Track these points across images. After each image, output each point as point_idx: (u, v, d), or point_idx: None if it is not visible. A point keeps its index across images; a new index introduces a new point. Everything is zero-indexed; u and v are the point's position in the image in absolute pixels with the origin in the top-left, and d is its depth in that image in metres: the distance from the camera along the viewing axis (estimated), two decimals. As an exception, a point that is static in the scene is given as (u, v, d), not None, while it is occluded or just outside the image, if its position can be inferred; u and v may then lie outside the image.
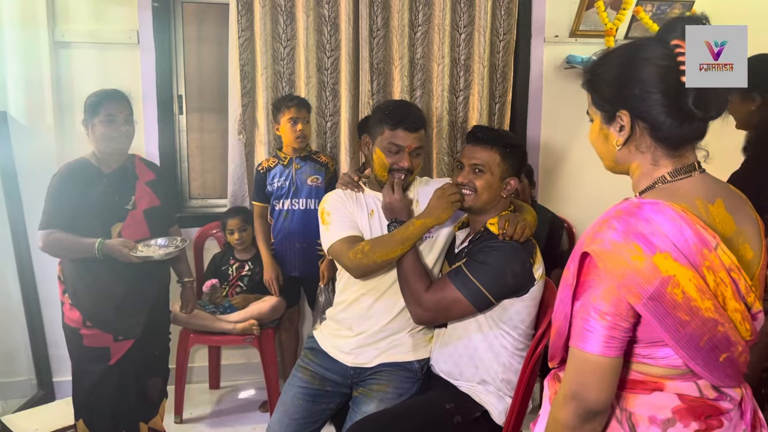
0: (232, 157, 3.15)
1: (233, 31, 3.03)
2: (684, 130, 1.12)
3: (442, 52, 3.15)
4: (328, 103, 3.16)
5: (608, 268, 1.06)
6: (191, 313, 2.70)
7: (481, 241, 1.86)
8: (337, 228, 2.02)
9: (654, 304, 1.04)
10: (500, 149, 1.90)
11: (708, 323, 1.05)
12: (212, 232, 3.22)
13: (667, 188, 1.13)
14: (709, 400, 1.14)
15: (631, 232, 1.05)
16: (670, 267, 1.03)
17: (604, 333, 1.08)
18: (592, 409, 1.11)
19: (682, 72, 1.08)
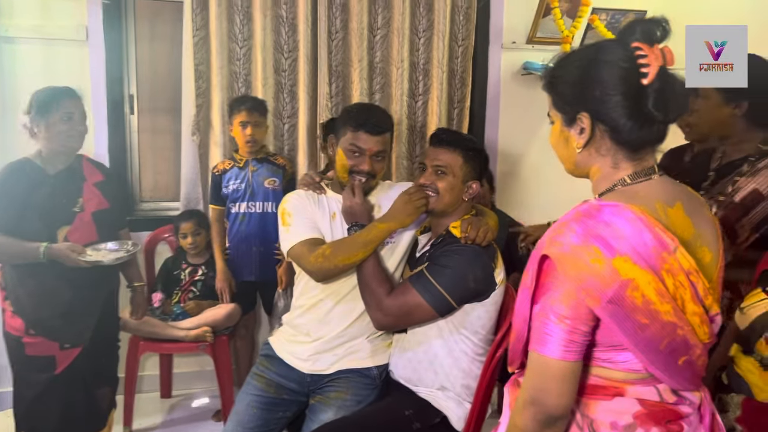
0: (185, 158, 3.07)
1: (188, 30, 2.95)
2: (644, 133, 1.11)
3: (402, 56, 3.14)
4: (286, 105, 3.11)
5: (567, 271, 1.05)
6: (141, 319, 2.61)
7: (443, 245, 1.84)
8: (297, 230, 1.97)
9: (613, 307, 1.03)
10: (463, 152, 1.89)
11: (667, 327, 1.05)
12: (164, 236, 3.12)
13: (626, 191, 1.13)
14: (669, 404, 1.13)
15: (590, 235, 1.04)
16: (630, 270, 1.02)
17: (564, 337, 1.06)
18: (551, 414, 1.09)
19: (643, 74, 1.07)
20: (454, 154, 1.89)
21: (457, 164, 1.89)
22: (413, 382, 1.90)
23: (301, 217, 2.00)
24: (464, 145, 1.91)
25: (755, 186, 1.63)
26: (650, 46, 1.07)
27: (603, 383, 1.14)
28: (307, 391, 2.02)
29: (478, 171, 1.93)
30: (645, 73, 1.07)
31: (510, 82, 3.37)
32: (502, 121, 3.39)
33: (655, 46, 1.07)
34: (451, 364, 1.84)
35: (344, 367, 1.99)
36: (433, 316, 1.78)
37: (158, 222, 3.16)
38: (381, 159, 2.00)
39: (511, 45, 3.33)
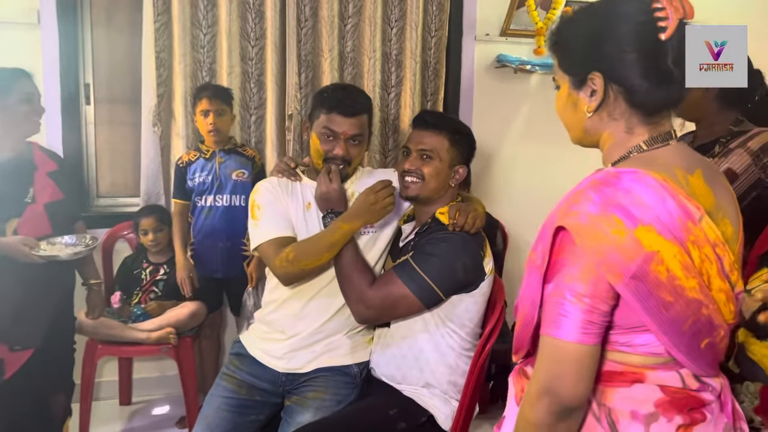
0: (145, 151, 2.90)
1: (148, 15, 2.79)
2: (661, 94, 1.03)
3: (374, 45, 3.04)
4: (253, 95, 2.97)
5: (586, 244, 0.95)
6: (98, 319, 2.43)
7: (428, 233, 1.75)
8: (266, 226, 1.85)
9: (636, 283, 0.94)
10: (449, 135, 1.80)
11: (692, 305, 0.96)
12: (123, 233, 2.95)
13: (643, 157, 1.03)
14: (692, 390, 1.04)
15: (610, 204, 0.95)
16: (654, 241, 0.93)
17: (582, 317, 0.96)
18: (567, 405, 0.99)
19: (661, 29, 0.99)
20: (440, 137, 1.80)
21: (444, 148, 1.80)
22: (397, 380, 1.79)
23: (271, 211, 1.87)
24: (451, 127, 1.83)
25: (728, 166, 1.63)
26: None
27: (621, 369, 1.04)
28: (282, 391, 1.89)
29: (464, 155, 1.85)
30: (664, 27, 0.98)
31: (483, 74, 3.30)
32: (476, 114, 3.32)
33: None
34: (437, 360, 1.75)
35: (322, 365, 1.87)
36: (419, 308, 1.68)
37: (116, 218, 2.98)
38: (358, 143, 1.88)
39: (485, 37, 3.27)
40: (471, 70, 3.29)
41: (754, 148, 1.60)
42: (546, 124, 3.44)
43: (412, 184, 1.81)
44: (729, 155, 1.64)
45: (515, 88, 3.36)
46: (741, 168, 1.61)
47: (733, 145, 1.64)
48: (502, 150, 3.40)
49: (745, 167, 1.60)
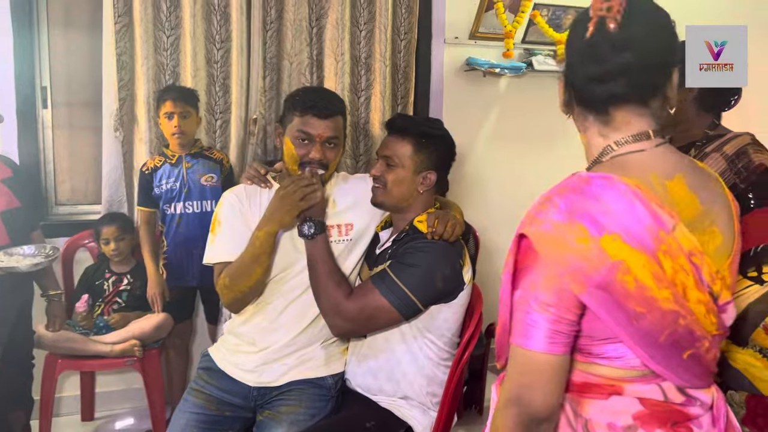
0: (106, 157, 2.80)
1: (108, 17, 2.69)
2: (602, 90, 1.01)
3: (342, 48, 2.99)
4: (218, 99, 2.89)
5: (548, 253, 0.94)
6: (58, 331, 2.33)
7: (406, 241, 1.70)
8: (220, 247, 1.83)
9: (602, 293, 0.92)
10: (414, 139, 1.74)
11: (667, 316, 0.94)
12: (84, 242, 2.84)
13: (616, 162, 1.02)
14: (676, 404, 1.01)
15: (576, 211, 0.94)
16: (620, 251, 0.91)
17: (548, 327, 0.95)
18: (536, 415, 0.97)
19: (586, 30, 1.00)
20: (404, 142, 1.75)
21: (406, 154, 1.74)
22: (373, 392, 1.75)
23: (229, 228, 1.83)
24: (416, 131, 1.76)
25: None
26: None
27: (597, 381, 1.02)
28: (254, 406, 1.83)
29: (434, 159, 1.78)
30: (587, 28, 1.00)
31: (453, 77, 3.29)
32: (446, 117, 3.30)
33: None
34: (415, 372, 1.71)
35: (296, 378, 1.81)
36: (398, 319, 1.64)
37: (76, 227, 2.87)
38: (333, 146, 1.82)
39: (454, 40, 3.26)
40: (440, 73, 3.28)
41: (729, 152, 1.59)
42: (515, 126, 3.46)
43: (376, 191, 1.78)
44: (705, 159, 1.63)
45: (485, 91, 3.36)
46: (716, 173, 1.61)
47: (709, 149, 1.63)
48: (472, 153, 3.40)
49: (720, 172, 1.59)
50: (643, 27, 0.99)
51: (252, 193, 1.89)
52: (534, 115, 3.44)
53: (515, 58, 3.31)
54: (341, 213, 1.88)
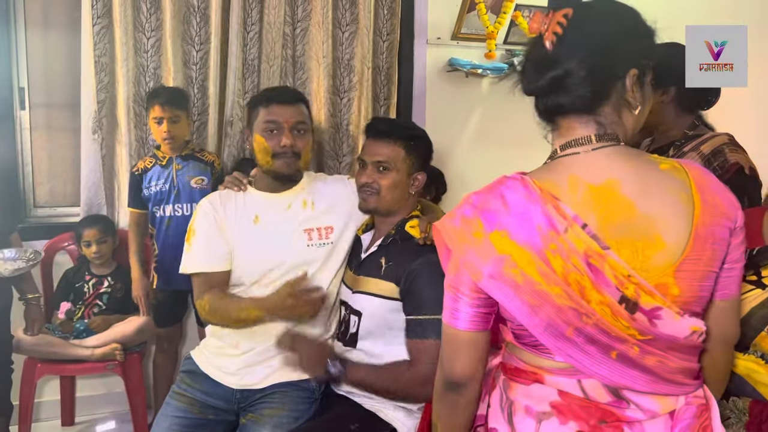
0: (85, 159, 2.77)
1: (87, 17, 2.66)
2: (544, 101, 1.07)
3: (324, 50, 2.98)
4: (196, 101, 2.87)
5: (453, 245, 1.06)
6: (37, 335, 2.30)
7: (392, 246, 1.69)
8: (195, 257, 1.83)
9: (496, 283, 1.01)
10: (404, 142, 1.74)
11: (566, 312, 0.97)
12: (63, 245, 2.80)
13: (552, 163, 1.07)
14: (601, 403, 1.02)
15: (480, 208, 1.04)
16: (506, 246, 0.99)
17: (453, 306, 1.09)
18: (452, 380, 1.12)
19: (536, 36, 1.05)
20: (396, 146, 1.74)
21: (400, 157, 1.74)
22: (357, 394, 1.73)
23: (204, 240, 1.83)
24: (406, 134, 1.77)
25: None
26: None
27: (524, 367, 1.11)
28: (237, 408, 1.82)
29: (422, 161, 1.79)
30: (537, 36, 1.06)
31: (436, 78, 3.30)
32: (429, 118, 3.31)
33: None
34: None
35: (279, 380, 1.80)
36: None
37: (55, 229, 2.83)
38: (303, 133, 1.84)
39: (436, 41, 3.26)
40: (423, 74, 3.28)
41: (705, 152, 1.61)
42: (498, 127, 3.47)
43: (370, 198, 1.75)
44: (683, 159, 1.65)
45: (467, 92, 3.37)
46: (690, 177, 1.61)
47: (687, 148, 1.65)
48: (454, 153, 3.40)
49: None
50: (583, 39, 1.02)
51: (226, 198, 1.88)
52: (517, 116, 3.40)
53: (497, 59, 3.32)
54: (320, 215, 1.87)
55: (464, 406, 1.14)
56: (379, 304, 1.71)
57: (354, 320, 1.77)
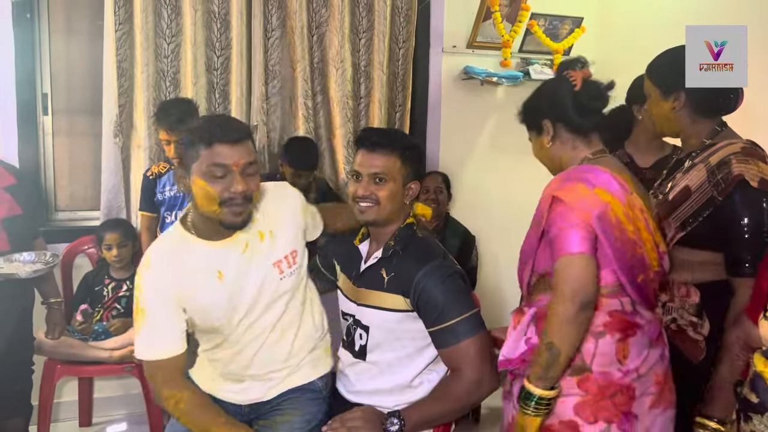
0: (106, 163, 2.82)
1: (109, 24, 2.72)
2: (587, 122, 1.53)
3: (342, 56, 3.03)
4: (218, 105, 2.92)
5: (570, 199, 1.42)
6: (58, 338, 2.34)
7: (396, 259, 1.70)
8: (148, 343, 1.58)
9: (600, 222, 1.39)
10: (400, 153, 1.70)
11: (630, 243, 1.42)
12: (83, 248, 2.85)
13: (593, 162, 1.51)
14: (627, 315, 1.45)
15: (578, 178, 1.46)
16: (607, 197, 1.42)
17: (579, 236, 1.39)
18: (589, 299, 1.38)
19: (574, 85, 1.54)
20: (391, 156, 1.69)
21: (396, 168, 1.69)
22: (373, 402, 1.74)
23: (156, 319, 1.58)
24: (401, 144, 1.72)
25: (687, 183, 1.59)
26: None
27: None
28: (249, 419, 1.77)
29: (416, 170, 1.75)
30: (574, 84, 1.52)
31: (450, 86, 3.33)
32: (444, 126, 3.34)
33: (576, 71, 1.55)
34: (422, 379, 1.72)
35: (286, 388, 1.77)
36: (487, 332, 1.67)
37: (76, 233, 2.88)
38: (253, 173, 1.57)
39: (452, 49, 3.29)
40: (438, 81, 3.31)
41: (713, 163, 1.54)
42: (513, 135, 3.44)
43: (368, 210, 1.70)
44: (690, 171, 1.60)
45: (482, 100, 3.39)
46: (696, 185, 1.56)
47: (698, 159, 1.59)
48: (469, 161, 3.43)
49: (699, 184, 1.55)
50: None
51: (175, 257, 1.62)
52: (531, 124, 3.47)
53: (512, 67, 3.34)
54: (282, 243, 1.71)
55: (587, 325, 1.42)
56: (386, 317, 1.70)
57: (360, 333, 1.76)
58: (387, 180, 1.69)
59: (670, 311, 1.61)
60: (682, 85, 1.58)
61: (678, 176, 1.64)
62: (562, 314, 1.37)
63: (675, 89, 1.61)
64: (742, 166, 1.50)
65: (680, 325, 1.60)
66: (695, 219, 1.56)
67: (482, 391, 1.61)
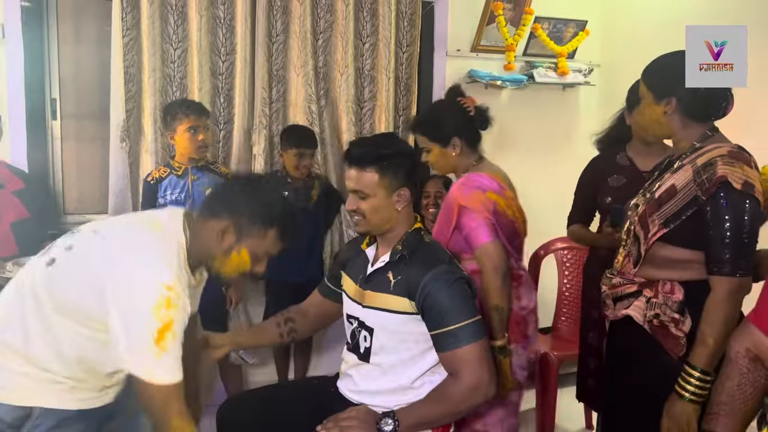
0: (113, 167, 2.85)
1: (117, 30, 2.75)
2: (478, 137, 2.14)
3: (346, 61, 3.05)
4: (223, 110, 2.95)
5: (470, 204, 1.97)
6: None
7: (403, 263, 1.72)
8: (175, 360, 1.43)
9: (494, 215, 1.98)
10: (376, 166, 1.70)
11: (511, 222, 2.06)
12: (91, 251, 2.88)
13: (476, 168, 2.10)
14: (515, 270, 2.08)
15: (472, 186, 2.01)
16: (494, 197, 2.00)
17: (486, 229, 1.95)
18: (506, 269, 1.96)
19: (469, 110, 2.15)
20: (367, 172, 1.69)
21: (373, 183, 1.69)
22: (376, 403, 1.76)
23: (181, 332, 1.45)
24: (375, 157, 1.71)
25: (673, 182, 1.61)
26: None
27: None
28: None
29: (403, 176, 1.73)
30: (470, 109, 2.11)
31: (455, 90, 3.33)
32: (448, 129, 3.35)
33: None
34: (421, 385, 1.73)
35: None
36: (488, 340, 1.70)
37: (84, 236, 2.91)
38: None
39: (456, 53, 3.31)
40: (442, 85, 3.32)
41: (699, 164, 1.57)
42: (517, 138, 3.50)
43: (359, 222, 1.75)
44: (678, 171, 1.63)
45: (486, 103, 3.36)
46: (681, 184, 1.59)
47: (686, 160, 1.62)
48: (473, 164, 3.44)
49: (685, 183, 1.58)
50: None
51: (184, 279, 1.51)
52: (535, 127, 3.48)
53: (516, 70, 3.35)
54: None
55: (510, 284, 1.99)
56: (391, 319, 1.72)
57: (364, 335, 1.78)
58: (367, 195, 1.70)
59: (653, 307, 1.62)
60: (674, 91, 1.62)
61: (666, 176, 1.67)
62: (495, 285, 1.90)
63: (667, 94, 1.64)
64: (726, 168, 1.52)
65: (662, 321, 1.61)
66: (678, 217, 1.58)
67: (479, 396, 1.62)
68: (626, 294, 1.70)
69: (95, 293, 1.40)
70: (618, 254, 1.79)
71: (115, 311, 1.38)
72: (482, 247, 1.93)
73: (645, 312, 1.64)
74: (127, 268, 1.40)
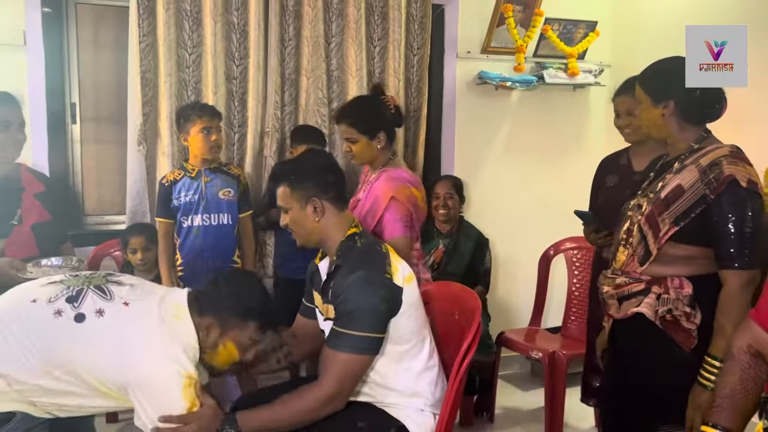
0: (131, 170, 2.93)
1: (134, 36, 2.83)
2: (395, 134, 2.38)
3: (358, 64, 3.10)
4: (237, 113, 3.01)
5: (401, 198, 2.17)
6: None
7: (337, 272, 1.76)
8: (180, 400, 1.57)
9: (414, 208, 2.21)
10: (286, 182, 1.80)
11: (423, 209, 2.33)
12: (109, 252, 2.96)
13: (393, 163, 2.30)
14: (416, 249, 2.31)
15: (399, 180, 2.21)
16: (414, 191, 2.23)
17: (403, 224, 2.16)
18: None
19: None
20: (281, 187, 1.81)
21: (287, 196, 1.79)
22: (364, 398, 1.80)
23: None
24: (285, 173, 1.83)
25: (679, 182, 1.66)
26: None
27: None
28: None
29: (311, 188, 1.79)
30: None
31: (465, 91, 3.38)
32: (459, 130, 3.40)
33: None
34: (404, 379, 1.77)
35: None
36: (372, 359, 1.71)
37: (102, 236, 3.00)
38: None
39: (466, 54, 3.34)
40: (453, 87, 3.37)
41: (704, 164, 1.63)
42: (527, 139, 3.53)
43: (296, 237, 1.86)
44: (682, 171, 1.67)
45: (496, 105, 3.43)
46: (688, 184, 1.64)
47: (688, 161, 1.67)
48: (484, 165, 3.47)
49: (691, 183, 1.63)
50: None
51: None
52: (545, 128, 3.51)
53: (526, 71, 3.38)
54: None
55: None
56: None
57: None
58: (287, 209, 1.81)
59: (666, 302, 1.66)
60: (672, 95, 1.68)
61: (668, 176, 1.72)
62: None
63: (665, 98, 1.70)
64: (732, 167, 1.59)
65: (675, 316, 1.66)
66: (687, 216, 1.64)
67: (331, 406, 1.65)
68: (634, 292, 1.74)
69: (118, 366, 1.53)
70: (617, 254, 1.82)
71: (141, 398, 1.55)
72: (394, 240, 2.07)
73: (656, 308, 1.68)
74: (149, 372, 1.55)
